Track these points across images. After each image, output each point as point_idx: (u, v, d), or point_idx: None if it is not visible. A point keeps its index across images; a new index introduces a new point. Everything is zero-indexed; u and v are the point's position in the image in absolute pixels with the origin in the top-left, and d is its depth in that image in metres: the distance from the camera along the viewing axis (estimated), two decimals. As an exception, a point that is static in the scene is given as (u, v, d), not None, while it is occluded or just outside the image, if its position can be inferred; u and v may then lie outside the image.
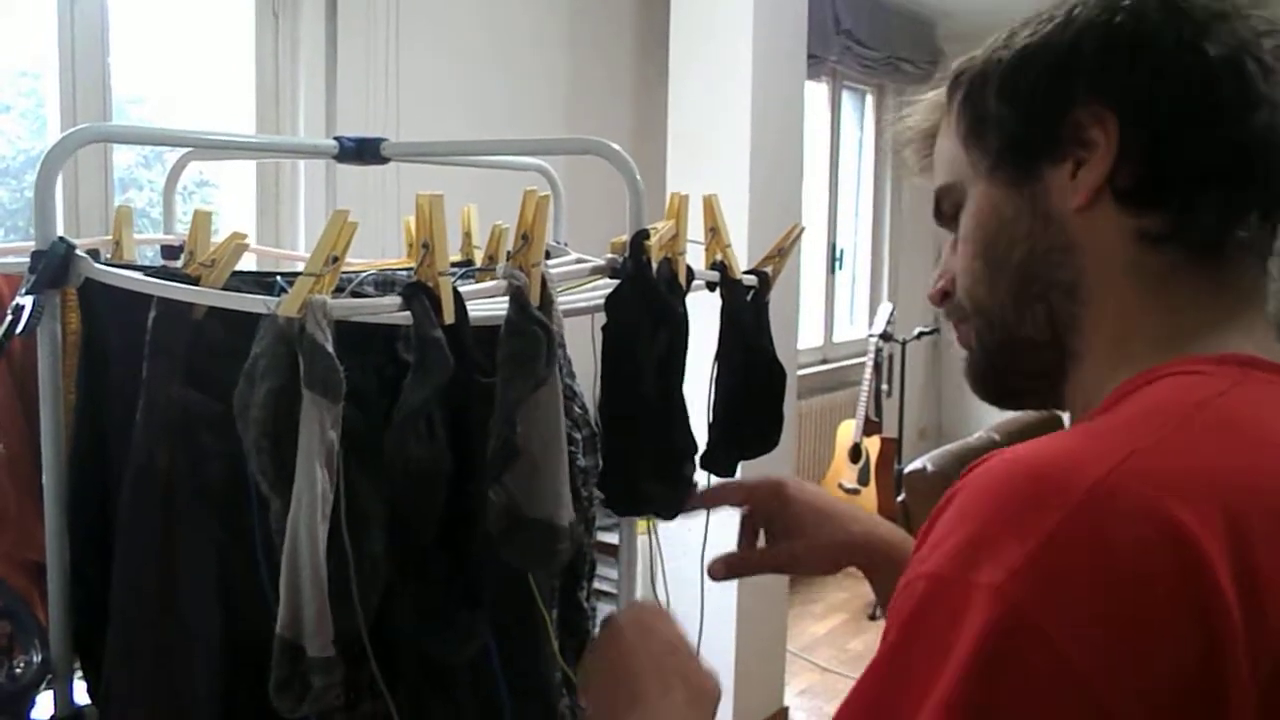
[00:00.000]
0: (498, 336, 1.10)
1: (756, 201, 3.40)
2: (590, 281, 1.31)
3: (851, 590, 5.02)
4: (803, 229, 1.57)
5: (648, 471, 1.22)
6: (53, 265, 1.07)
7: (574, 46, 3.75)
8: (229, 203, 3.16)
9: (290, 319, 0.91)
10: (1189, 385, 0.64)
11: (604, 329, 1.20)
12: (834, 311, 5.74)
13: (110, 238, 1.30)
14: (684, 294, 1.30)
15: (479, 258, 1.65)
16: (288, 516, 0.92)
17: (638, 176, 1.21)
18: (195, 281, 1.05)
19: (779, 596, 3.90)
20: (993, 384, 0.80)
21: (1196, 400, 0.62)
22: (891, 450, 5.01)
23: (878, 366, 4.95)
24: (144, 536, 1.07)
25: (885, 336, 4.96)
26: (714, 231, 1.44)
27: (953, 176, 0.78)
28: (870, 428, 5.03)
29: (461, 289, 1.06)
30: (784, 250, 1.55)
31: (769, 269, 1.53)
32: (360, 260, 1.68)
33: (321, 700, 0.95)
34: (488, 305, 1.11)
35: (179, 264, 1.11)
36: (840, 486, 5.05)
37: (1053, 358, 0.74)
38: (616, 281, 1.26)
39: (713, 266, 1.43)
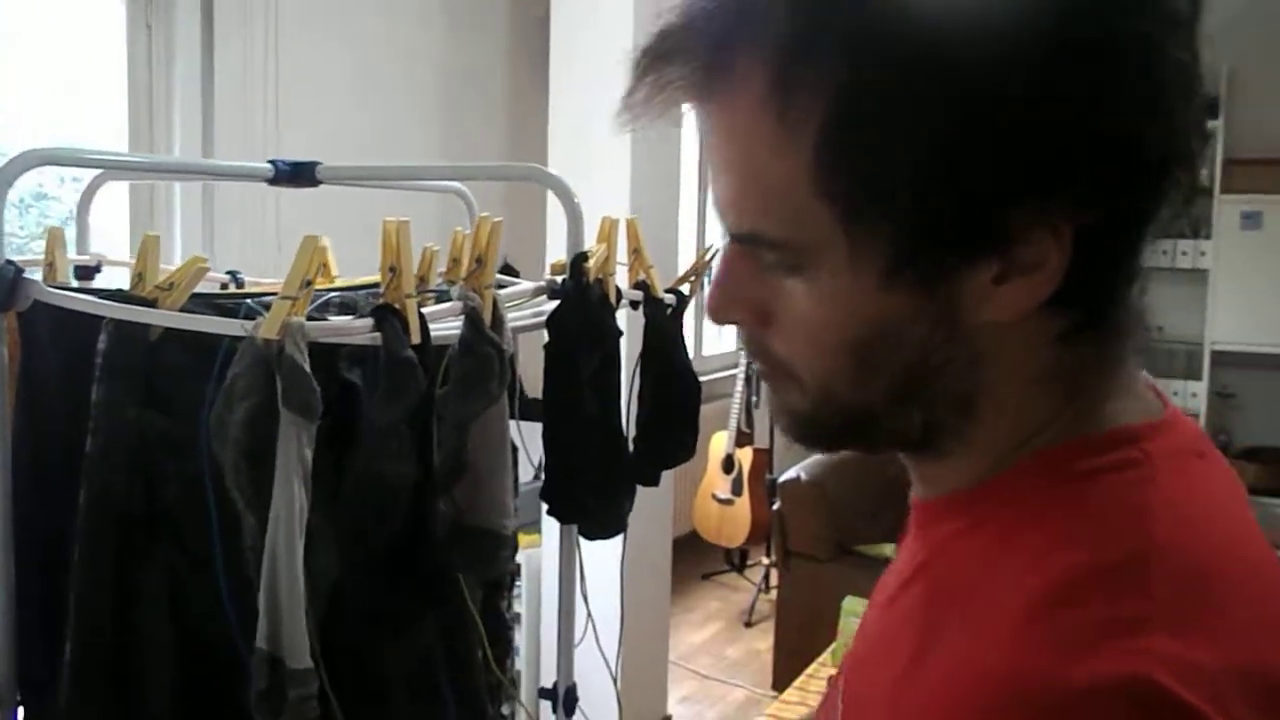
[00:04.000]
0: (447, 354, 1.15)
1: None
2: (521, 302, 1.37)
3: (724, 599, 5.15)
4: (716, 251, 1.65)
5: (590, 485, 1.28)
6: (2, 288, 1.06)
7: (450, 68, 3.78)
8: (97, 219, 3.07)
9: (269, 341, 0.94)
10: (1127, 493, 0.55)
11: (545, 347, 1.26)
12: (703, 325, 5.88)
13: (43, 259, 1.29)
14: (614, 312, 1.37)
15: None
16: (265, 533, 0.95)
17: (576, 201, 1.28)
18: (152, 304, 1.07)
19: (662, 607, 3.99)
20: (822, 443, 0.64)
21: (1153, 521, 0.53)
22: (764, 461, 5.15)
23: (748, 379, 5.08)
24: (102, 562, 1.08)
25: (756, 350, 5.10)
26: (636, 253, 1.51)
27: (790, 231, 0.54)
28: (742, 439, 5.17)
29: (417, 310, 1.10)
30: (699, 271, 1.63)
31: (684, 288, 1.61)
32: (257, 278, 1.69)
33: (299, 711, 0.98)
34: (436, 326, 1.15)
35: (91, 284, 1.12)
36: (714, 497, 5.17)
37: (915, 445, 0.61)
38: (551, 302, 1.32)
39: (636, 286, 1.51)
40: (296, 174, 1.36)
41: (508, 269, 2.15)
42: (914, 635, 0.58)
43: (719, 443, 5.28)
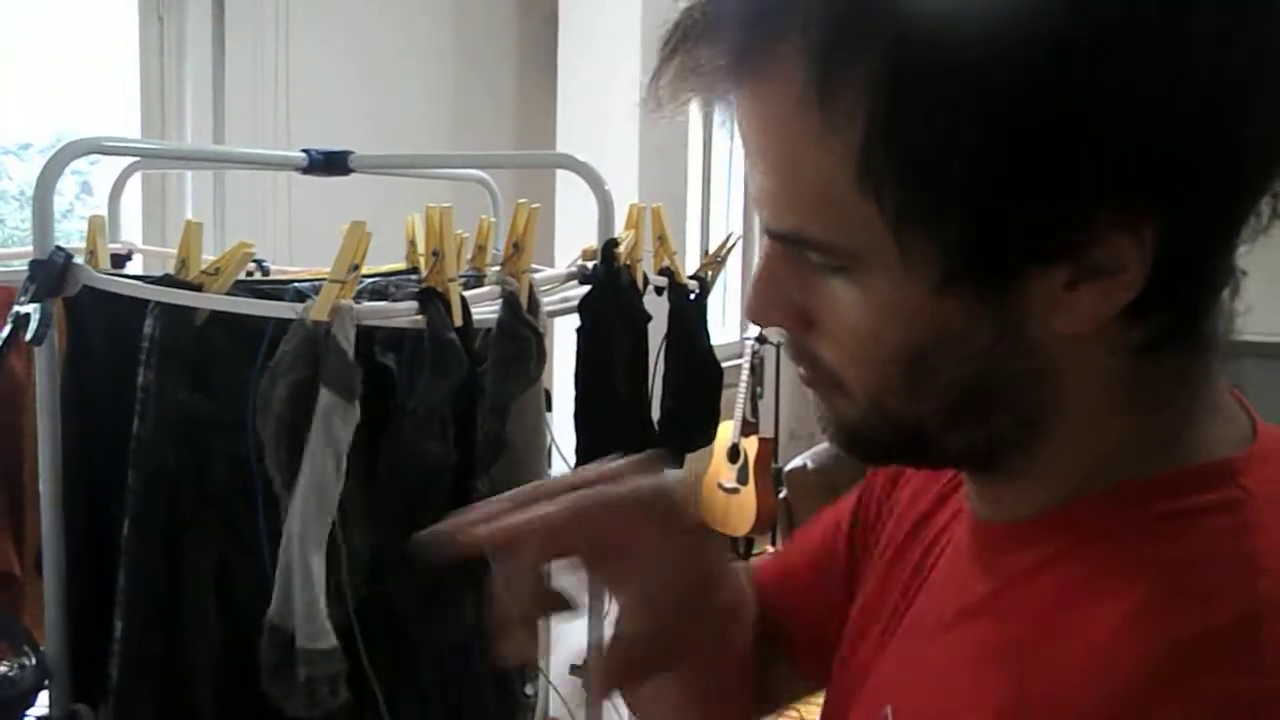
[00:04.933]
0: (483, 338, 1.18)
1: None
2: (552, 287, 1.39)
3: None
4: (738, 238, 1.68)
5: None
6: (53, 274, 1.09)
7: (458, 57, 3.79)
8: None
9: (318, 322, 0.96)
10: (1228, 542, 0.49)
11: (578, 330, 1.29)
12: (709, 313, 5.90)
13: (84, 247, 1.31)
14: (642, 297, 1.40)
15: (424, 265, 1.72)
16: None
17: (606, 188, 1.30)
18: (199, 289, 1.09)
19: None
20: (874, 457, 0.61)
21: (1262, 575, 0.47)
22: (769, 450, 5.17)
23: (753, 368, 5.11)
24: (154, 540, 1.10)
25: (761, 339, 5.12)
26: (661, 239, 1.54)
27: (834, 232, 0.50)
28: (747, 428, 5.19)
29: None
30: (720, 257, 1.66)
31: (706, 274, 1.64)
32: (296, 268, 1.72)
33: (310, 691, 1.00)
34: (475, 310, 1.18)
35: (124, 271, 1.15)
36: (720, 486, 5.20)
37: (979, 463, 0.56)
38: (580, 287, 1.35)
39: (661, 272, 1.53)
40: (330, 163, 1.39)
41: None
42: (989, 676, 0.52)
43: (724, 432, 5.29)
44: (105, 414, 1.20)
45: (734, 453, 5.22)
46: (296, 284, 1.12)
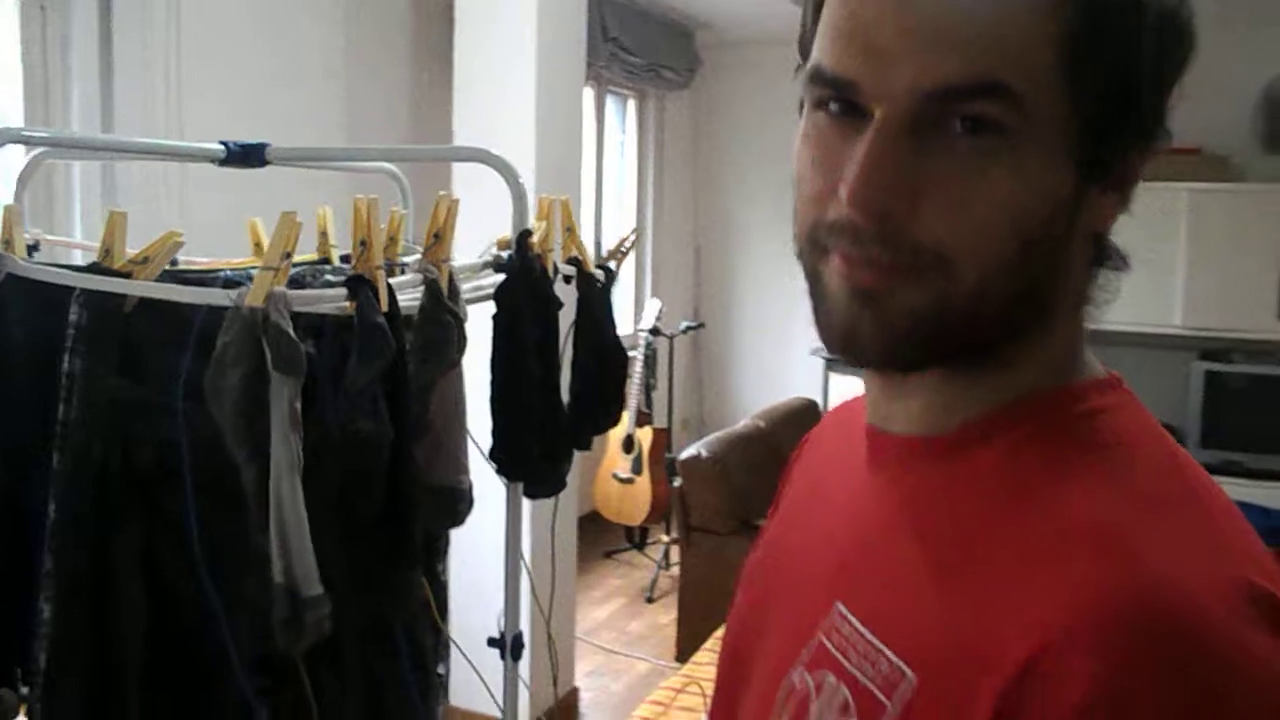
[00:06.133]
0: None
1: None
2: (468, 275, 1.45)
3: (625, 576, 5.28)
4: (637, 232, 1.76)
5: (534, 446, 1.38)
6: (-22, 263, 1.11)
7: (353, 48, 3.79)
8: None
9: (255, 309, 1.01)
10: (1144, 430, 0.59)
11: (494, 317, 1.35)
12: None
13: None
14: (553, 285, 1.47)
15: (334, 255, 1.75)
16: (265, 482, 1.02)
17: (520, 181, 1.36)
18: (127, 277, 1.12)
19: (569, 584, 4.09)
20: (926, 352, 0.59)
21: (1170, 462, 0.57)
22: (663, 440, 5.29)
23: (647, 360, 5.20)
24: (81, 524, 1.13)
25: (654, 331, 5.22)
26: (569, 231, 1.61)
27: (1026, 88, 0.53)
28: (642, 419, 5.29)
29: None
30: (625, 249, 1.74)
31: (611, 264, 1.71)
32: (200, 259, 1.73)
33: (317, 629, 1.06)
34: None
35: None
36: (615, 477, 5.29)
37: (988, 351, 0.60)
38: (496, 275, 1.41)
39: (569, 262, 1.60)
40: (247, 155, 1.42)
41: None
42: (960, 561, 0.56)
43: (619, 423, 5.38)
44: (24, 401, 1.21)
45: (629, 443, 5.32)
46: (224, 273, 1.16)
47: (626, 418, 5.29)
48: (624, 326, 6.13)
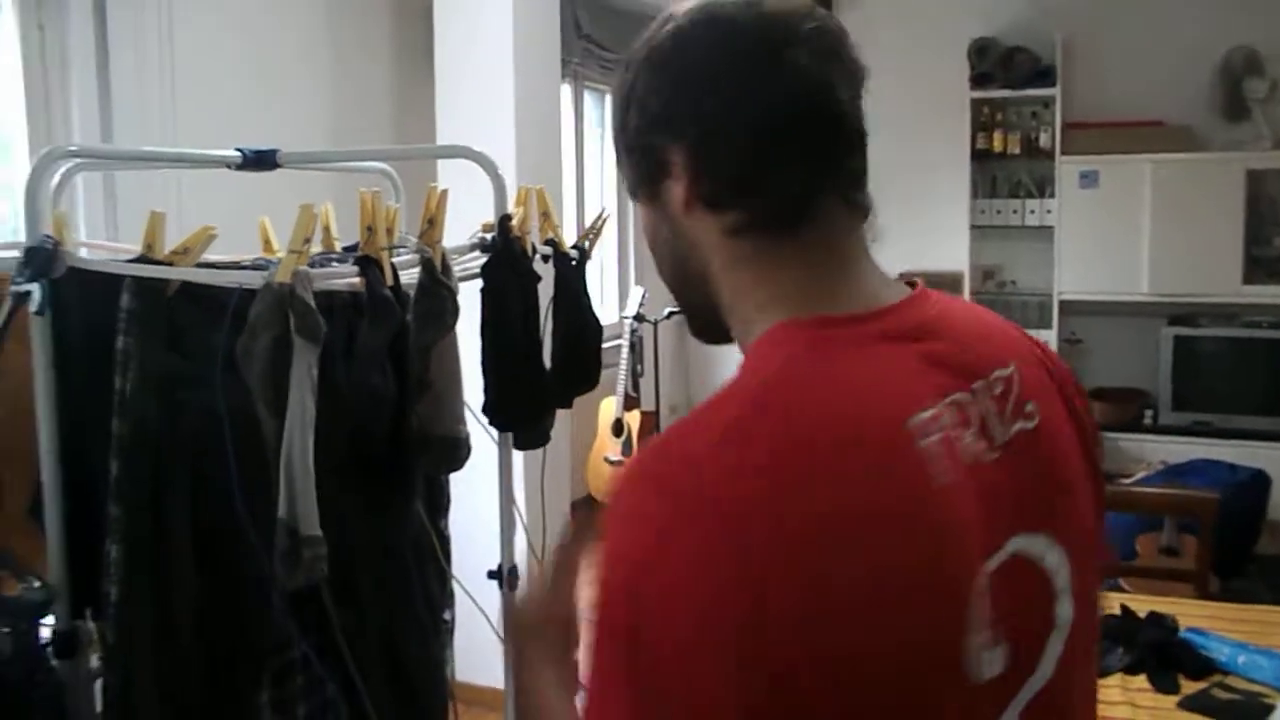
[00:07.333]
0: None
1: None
2: (458, 256, 1.66)
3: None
4: (608, 214, 1.98)
5: (521, 402, 1.59)
6: (45, 257, 1.31)
7: (338, 53, 3.94)
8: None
9: (283, 284, 1.22)
10: (764, 358, 0.78)
11: (482, 291, 1.56)
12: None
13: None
14: (532, 263, 1.68)
15: (337, 247, 1.97)
16: (284, 431, 1.24)
17: (500, 173, 1.58)
18: (171, 265, 1.33)
19: (561, 524, 4.29)
20: (702, 336, 0.90)
21: (762, 376, 0.76)
22: (651, 423, 5.48)
23: (633, 346, 5.37)
24: (142, 481, 1.34)
25: (639, 318, 5.40)
26: (545, 215, 1.82)
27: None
28: (630, 403, 5.47)
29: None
30: (595, 230, 1.95)
31: (585, 244, 1.92)
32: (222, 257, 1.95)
33: (311, 567, 1.27)
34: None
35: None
36: (606, 460, 5.48)
37: (722, 323, 0.85)
38: (482, 256, 1.62)
39: (546, 243, 1.81)
40: (260, 159, 1.62)
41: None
42: None
43: (608, 407, 5.56)
44: (83, 376, 1.42)
45: (618, 427, 5.51)
46: (244, 262, 1.37)
47: (615, 403, 5.48)
48: (609, 314, 6.32)
